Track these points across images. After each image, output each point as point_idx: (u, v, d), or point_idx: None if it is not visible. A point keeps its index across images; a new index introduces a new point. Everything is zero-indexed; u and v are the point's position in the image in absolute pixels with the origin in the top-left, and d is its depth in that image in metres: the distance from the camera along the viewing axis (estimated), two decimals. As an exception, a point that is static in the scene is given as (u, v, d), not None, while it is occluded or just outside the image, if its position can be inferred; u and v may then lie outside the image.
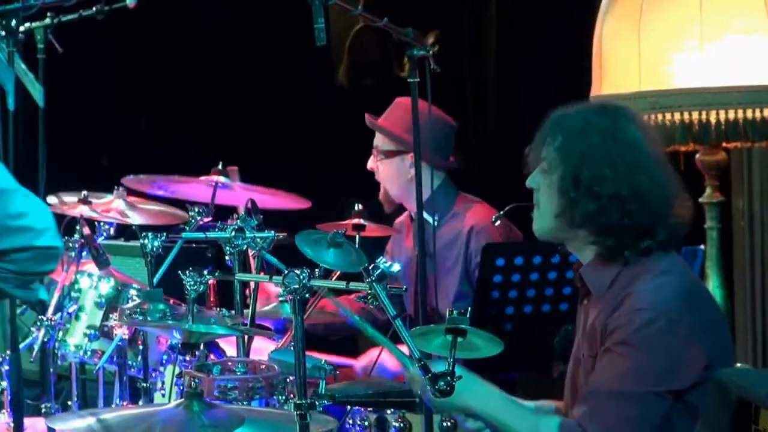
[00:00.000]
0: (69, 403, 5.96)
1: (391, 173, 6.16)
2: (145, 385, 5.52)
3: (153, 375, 5.55)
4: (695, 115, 5.07)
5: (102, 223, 5.87)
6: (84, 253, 5.64)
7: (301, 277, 4.01)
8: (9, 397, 5.51)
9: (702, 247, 5.39)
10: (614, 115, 4.24)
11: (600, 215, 4.07)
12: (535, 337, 5.14)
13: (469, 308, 4.06)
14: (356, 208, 6.12)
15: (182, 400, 4.24)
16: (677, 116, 5.08)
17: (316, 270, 4.35)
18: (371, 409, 5.02)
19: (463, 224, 6.11)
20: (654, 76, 5.14)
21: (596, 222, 4.10)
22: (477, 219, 6.11)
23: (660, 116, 5.06)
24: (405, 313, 6.03)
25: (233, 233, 4.92)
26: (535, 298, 5.25)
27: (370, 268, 4.13)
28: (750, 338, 6.74)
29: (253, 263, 5.42)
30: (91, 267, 5.67)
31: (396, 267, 4.22)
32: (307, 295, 4.05)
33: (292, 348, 4.10)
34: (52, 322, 5.58)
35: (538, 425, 4.14)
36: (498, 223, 5.81)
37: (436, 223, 5.81)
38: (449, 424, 4.70)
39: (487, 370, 4.92)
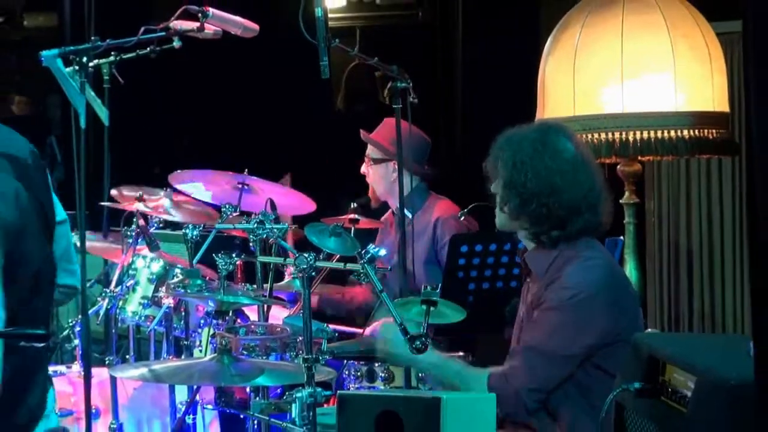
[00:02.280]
0: (127, 356, 5.94)
1: (378, 176, 6.17)
2: (186, 343, 5.50)
3: (193, 335, 5.52)
4: (617, 135, 5.07)
5: (153, 216, 5.85)
6: (139, 240, 5.62)
7: (309, 259, 4.00)
8: (80, 352, 5.51)
9: (621, 238, 5.39)
10: (546, 130, 4.29)
11: (523, 207, 4.12)
12: (491, 308, 5.13)
13: (439, 285, 4.08)
14: (352, 205, 6.14)
15: (215, 355, 4.23)
16: (603, 136, 5.08)
17: (320, 254, 4.35)
18: (363, 362, 5.01)
19: (431, 217, 6.12)
20: (585, 104, 5.15)
21: (523, 213, 4.15)
22: (441, 212, 6.12)
23: (590, 135, 5.06)
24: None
25: (255, 225, 4.91)
26: (491, 276, 5.24)
27: (362, 252, 4.13)
28: (658, 309, 6.74)
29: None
30: (144, 251, 5.66)
31: (383, 252, 4.23)
32: (313, 274, 4.05)
33: (301, 314, 4.10)
34: (114, 294, 5.56)
35: (477, 371, 4.19)
36: (462, 218, 5.83)
37: (411, 216, 5.81)
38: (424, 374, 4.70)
39: (455, 332, 4.95)
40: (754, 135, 1.94)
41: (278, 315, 5.76)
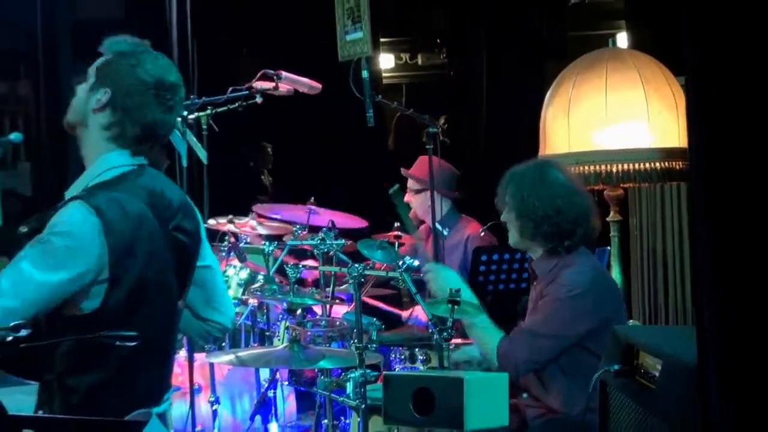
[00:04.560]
0: (223, 344, 5.94)
1: (418, 203, 6.13)
2: (268, 333, 5.52)
3: (273, 327, 5.54)
4: (603, 167, 5.02)
5: (242, 235, 5.86)
6: (231, 253, 5.63)
7: (359, 268, 4.00)
8: (186, 340, 5.51)
9: (608, 248, 5.35)
10: (541, 166, 4.32)
11: (538, 228, 4.12)
12: (505, 304, 5.10)
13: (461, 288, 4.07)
14: (396, 225, 6.13)
15: (287, 343, 4.23)
16: (592, 167, 5.03)
17: (369, 263, 4.35)
18: (405, 347, 5.00)
19: (464, 234, 6.08)
20: (578, 142, 5.10)
21: (538, 233, 4.13)
22: (471, 230, 6.08)
23: (582, 167, 5.02)
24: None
25: (319, 241, 4.92)
26: (506, 280, 5.21)
27: (401, 263, 4.12)
28: (640, 304, 6.68)
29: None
30: (235, 261, 5.66)
31: (416, 262, 4.22)
32: (362, 280, 4.05)
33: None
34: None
35: (494, 333, 4.16)
36: (483, 233, 5.81)
37: (447, 233, 5.79)
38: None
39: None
40: (694, 166, 1.93)
41: (340, 311, 5.75)
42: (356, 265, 4.00)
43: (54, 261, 2.66)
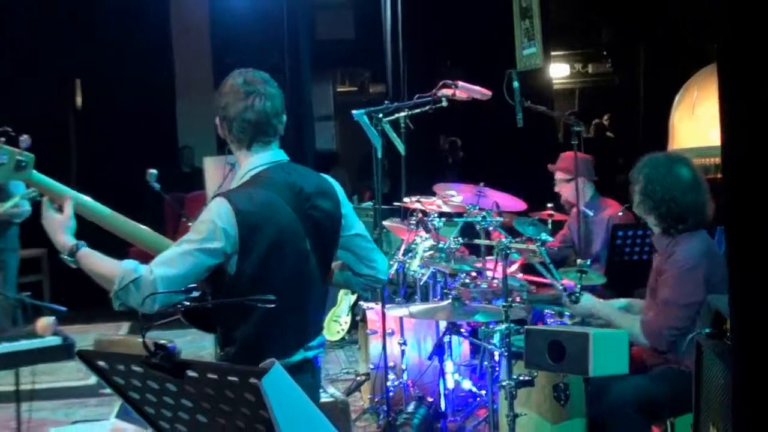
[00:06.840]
0: (415, 297, 5.97)
1: (566, 191, 5.96)
2: (446, 290, 5.49)
3: (451, 285, 5.51)
4: (720, 159, 4.80)
5: (429, 212, 5.86)
6: (419, 226, 5.64)
7: (506, 241, 3.95)
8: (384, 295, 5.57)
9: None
10: (673, 160, 4.08)
11: (654, 209, 3.93)
12: (638, 272, 4.93)
13: (588, 260, 3.95)
14: (548, 205, 6.00)
15: (450, 300, 4.22)
16: (711, 160, 4.80)
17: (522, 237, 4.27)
18: (556, 306, 4.90)
19: (605, 215, 5.86)
20: (700, 139, 4.89)
21: (654, 212, 3.95)
22: (611, 211, 5.86)
23: (703, 160, 4.79)
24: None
25: (481, 219, 4.86)
26: (638, 252, 5.04)
27: (537, 238, 4.04)
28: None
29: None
30: (422, 232, 5.67)
31: (550, 238, 4.12)
32: (507, 251, 3.98)
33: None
34: (401, 260, 5.61)
35: (632, 322, 3.97)
36: (622, 213, 5.61)
37: (593, 214, 5.63)
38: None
39: (620, 286, 4.77)
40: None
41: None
42: (503, 240, 3.94)
43: (203, 237, 2.75)
